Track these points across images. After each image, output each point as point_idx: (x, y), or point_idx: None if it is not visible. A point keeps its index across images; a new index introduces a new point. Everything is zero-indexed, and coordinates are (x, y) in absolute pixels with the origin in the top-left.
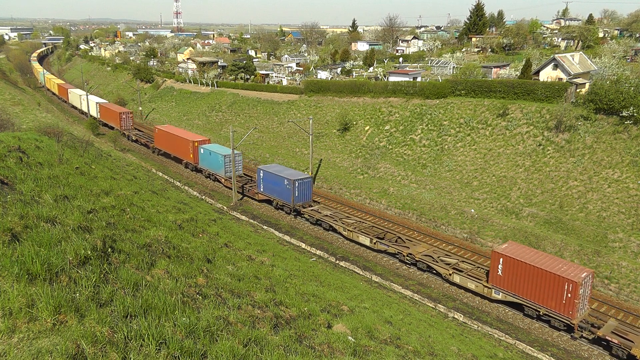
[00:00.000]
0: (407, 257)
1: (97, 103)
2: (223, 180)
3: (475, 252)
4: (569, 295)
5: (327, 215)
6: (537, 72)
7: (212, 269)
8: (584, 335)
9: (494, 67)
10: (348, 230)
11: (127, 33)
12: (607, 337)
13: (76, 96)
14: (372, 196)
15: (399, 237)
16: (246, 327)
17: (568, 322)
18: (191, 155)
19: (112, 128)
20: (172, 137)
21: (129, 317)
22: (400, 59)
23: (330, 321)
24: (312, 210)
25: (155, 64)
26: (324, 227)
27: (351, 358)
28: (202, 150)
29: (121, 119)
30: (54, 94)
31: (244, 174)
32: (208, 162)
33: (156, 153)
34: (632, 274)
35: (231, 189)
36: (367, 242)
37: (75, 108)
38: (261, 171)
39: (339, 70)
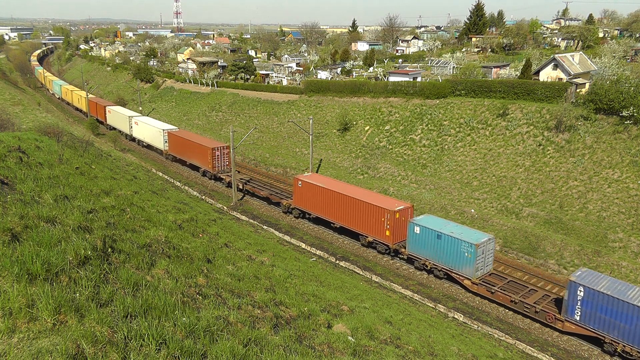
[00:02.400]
0: None
1: (163, 130)
2: (469, 284)
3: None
4: None
5: None
6: (537, 72)
7: (212, 269)
8: None
9: (494, 67)
10: None
11: (127, 33)
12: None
13: (121, 117)
14: None
15: None
16: (246, 327)
17: None
18: (387, 233)
19: (194, 168)
20: (335, 197)
21: (129, 317)
22: (400, 60)
23: (330, 321)
24: None
25: (155, 64)
26: None
27: (351, 358)
28: (417, 228)
29: (214, 157)
30: (77, 109)
31: (495, 272)
32: (433, 248)
33: (295, 215)
34: (632, 274)
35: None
36: None
37: (120, 132)
38: (592, 293)
39: (339, 70)
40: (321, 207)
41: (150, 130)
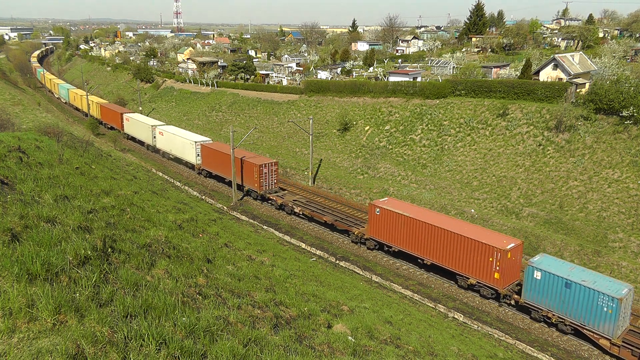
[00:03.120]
0: None
1: (196, 142)
2: (607, 344)
3: None
4: None
5: None
6: (537, 72)
7: (212, 269)
8: None
9: (494, 67)
10: None
11: (127, 33)
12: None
13: (143, 127)
14: (372, 196)
15: None
16: (246, 327)
17: None
18: (496, 275)
19: (239, 187)
20: (425, 229)
21: (129, 317)
22: (400, 60)
23: (330, 321)
24: None
25: (155, 64)
26: None
27: (351, 358)
28: (537, 273)
29: (261, 175)
30: (86, 114)
31: (632, 327)
32: (559, 299)
33: (370, 246)
34: (632, 274)
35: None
36: None
37: (142, 143)
38: None
39: (339, 70)
40: (406, 240)
41: (180, 142)
